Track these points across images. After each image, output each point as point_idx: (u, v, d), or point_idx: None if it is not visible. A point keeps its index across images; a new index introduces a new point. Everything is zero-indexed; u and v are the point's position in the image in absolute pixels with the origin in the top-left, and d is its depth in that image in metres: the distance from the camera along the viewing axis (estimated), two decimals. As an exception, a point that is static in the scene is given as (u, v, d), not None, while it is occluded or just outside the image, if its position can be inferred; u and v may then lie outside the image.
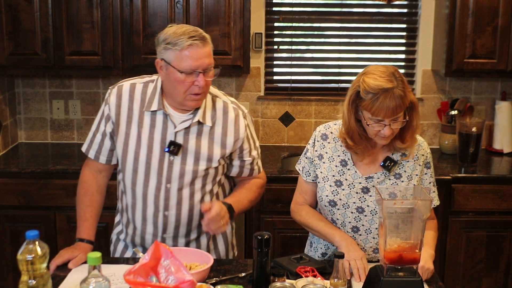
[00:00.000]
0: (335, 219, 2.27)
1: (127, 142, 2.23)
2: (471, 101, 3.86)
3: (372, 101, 2.04)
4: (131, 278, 1.72)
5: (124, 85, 2.26)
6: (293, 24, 3.91)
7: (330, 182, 2.25)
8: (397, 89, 2.04)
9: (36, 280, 1.70)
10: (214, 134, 2.24)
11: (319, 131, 2.31)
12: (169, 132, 2.20)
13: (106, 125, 2.28)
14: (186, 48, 2.07)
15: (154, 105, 2.20)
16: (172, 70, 2.11)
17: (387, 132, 2.09)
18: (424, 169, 2.26)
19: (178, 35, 2.09)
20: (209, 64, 2.13)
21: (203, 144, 2.22)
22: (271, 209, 3.37)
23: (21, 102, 3.90)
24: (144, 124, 2.22)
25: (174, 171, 2.21)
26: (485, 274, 3.43)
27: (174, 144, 2.19)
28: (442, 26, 3.62)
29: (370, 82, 2.05)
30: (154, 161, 2.21)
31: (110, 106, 2.25)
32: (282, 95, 3.92)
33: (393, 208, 1.88)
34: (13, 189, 3.32)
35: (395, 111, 2.05)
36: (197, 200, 2.27)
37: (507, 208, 3.35)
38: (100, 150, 2.32)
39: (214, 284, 2.00)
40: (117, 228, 2.44)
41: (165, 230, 2.27)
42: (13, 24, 3.41)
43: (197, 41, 2.09)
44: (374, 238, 2.24)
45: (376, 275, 1.94)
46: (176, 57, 2.09)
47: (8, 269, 3.38)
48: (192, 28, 2.13)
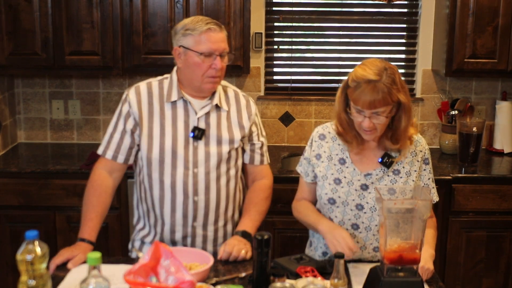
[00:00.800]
0: (334, 217, 2.27)
1: (151, 135, 2.31)
2: (471, 101, 3.86)
3: (355, 89, 2.08)
4: (131, 278, 1.72)
5: (141, 85, 2.38)
6: (293, 24, 3.91)
7: (329, 180, 2.25)
8: (381, 83, 2.05)
9: (35, 280, 1.70)
10: (231, 117, 2.39)
11: (317, 131, 2.34)
12: (191, 119, 2.32)
13: (126, 123, 2.34)
14: (205, 32, 2.24)
15: (173, 95, 2.32)
16: (191, 54, 2.25)
17: (366, 124, 2.10)
18: (423, 165, 2.26)
19: (196, 22, 2.26)
20: (225, 49, 2.29)
21: (223, 127, 2.35)
22: (271, 209, 3.33)
23: (21, 102, 3.89)
24: (166, 115, 2.32)
25: (200, 155, 2.31)
26: (485, 274, 3.43)
27: (198, 129, 2.30)
28: (442, 26, 3.62)
29: (359, 71, 2.09)
30: (180, 148, 2.30)
31: (131, 103, 2.34)
32: (282, 95, 3.92)
33: (394, 208, 1.88)
34: (13, 189, 3.32)
35: (373, 104, 2.05)
36: (223, 184, 2.35)
37: (507, 208, 3.35)
38: (119, 150, 2.36)
39: (214, 284, 2.00)
40: (141, 233, 2.44)
41: (195, 218, 2.33)
42: (13, 24, 3.41)
43: (214, 26, 2.26)
44: (374, 235, 2.25)
45: (376, 275, 1.94)
46: (195, 41, 2.24)
47: (8, 269, 3.38)
48: (206, 17, 2.31)
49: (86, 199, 2.36)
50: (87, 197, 2.36)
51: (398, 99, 2.10)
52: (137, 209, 2.47)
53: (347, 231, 2.19)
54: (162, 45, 3.46)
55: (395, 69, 2.12)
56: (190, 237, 2.35)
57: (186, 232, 2.34)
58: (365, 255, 2.27)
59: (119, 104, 2.38)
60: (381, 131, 2.14)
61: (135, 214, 2.49)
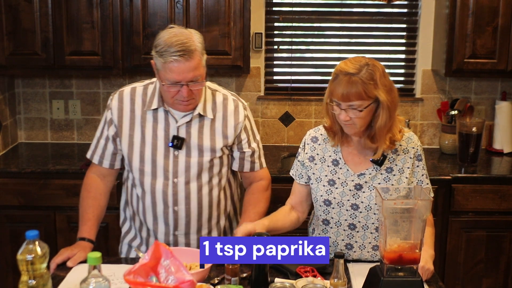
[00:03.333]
0: (331, 218, 2.27)
1: (132, 143, 2.28)
2: (471, 101, 3.86)
3: (333, 80, 2.12)
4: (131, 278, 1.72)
5: (125, 90, 2.33)
6: (293, 24, 3.91)
7: (324, 182, 2.26)
8: (357, 77, 2.05)
9: (36, 280, 1.70)
10: (216, 126, 2.30)
11: (309, 134, 2.35)
12: (171, 128, 2.26)
13: (108, 130, 2.32)
14: (170, 62, 2.11)
15: (154, 103, 2.26)
16: (159, 77, 2.19)
17: (342, 117, 2.11)
18: (416, 161, 2.26)
19: (167, 45, 2.11)
20: (194, 77, 2.15)
21: (205, 136, 2.28)
22: (271, 209, 3.35)
23: (21, 102, 3.89)
24: (147, 123, 2.27)
25: (180, 165, 2.26)
26: (485, 274, 3.43)
27: (178, 138, 2.25)
28: (442, 26, 3.62)
29: (341, 64, 2.13)
30: (160, 157, 2.26)
31: (112, 111, 2.30)
32: (282, 95, 3.92)
33: (393, 208, 1.88)
34: (13, 189, 3.32)
35: (346, 96, 2.06)
36: (205, 193, 2.31)
37: (507, 208, 3.35)
38: (104, 155, 2.36)
39: (214, 284, 2.00)
40: (128, 237, 2.45)
41: (176, 227, 2.31)
42: (13, 24, 3.41)
43: (181, 58, 2.10)
44: (372, 233, 2.25)
45: (376, 275, 1.94)
46: (162, 67, 2.14)
47: (8, 269, 3.38)
48: (183, 39, 2.13)
49: (82, 202, 2.36)
50: (82, 199, 2.37)
51: (376, 96, 2.09)
52: (124, 211, 2.46)
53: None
54: (162, 45, 3.46)
55: (379, 67, 2.11)
56: (173, 245, 2.33)
57: (168, 240, 2.33)
58: (364, 254, 2.27)
59: (102, 118, 2.37)
60: (360, 126, 2.13)
61: (121, 215, 2.48)
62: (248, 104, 3.86)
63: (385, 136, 2.15)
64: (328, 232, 2.30)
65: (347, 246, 2.27)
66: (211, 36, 3.44)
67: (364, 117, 2.11)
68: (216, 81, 3.83)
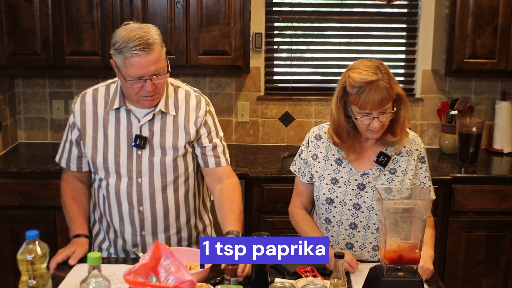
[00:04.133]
0: (332, 217, 2.27)
1: (96, 145, 2.27)
2: (471, 101, 3.86)
3: (358, 94, 2.08)
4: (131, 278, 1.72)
5: (87, 92, 2.32)
6: (293, 24, 3.91)
7: (326, 180, 2.26)
8: (382, 81, 2.07)
9: (36, 280, 1.70)
10: (178, 122, 2.26)
11: (313, 131, 2.34)
12: (134, 127, 2.24)
13: (72, 133, 2.32)
14: (130, 58, 2.08)
15: (116, 103, 2.24)
16: (121, 75, 2.15)
17: (376, 125, 2.11)
18: (419, 163, 2.27)
19: (125, 41, 2.08)
20: (156, 70, 2.11)
21: (168, 134, 2.25)
22: (271, 209, 3.37)
23: (21, 102, 3.90)
24: (109, 124, 2.26)
25: (144, 164, 2.24)
26: (485, 274, 3.43)
27: (140, 138, 2.23)
28: (442, 26, 3.62)
29: (355, 76, 2.09)
30: (123, 158, 2.25)
31: (75, 114, 2.30)
32: (282, 95, 3.92)
33: (393, 208, 1.88)
34: (13, 189, 3.32)
35: (381, 103, 2.07)
36: (171, 193, 2.28)
37: (507, 208, 3.35)
38: (70, 159, 2.36)
39: (214, 284, 2.00)
40: (98, 239, 2.43)
41: (143, 227, 2.29)
42: (13, 24, 3.41)
43: (141, 51, 2.07)
44: (372, 234, 2.25)
45: (376, 275, 1.94)
46: (122, 64, 2.11)
47: (8, 269, 3.38)
48: (141, 33, 2.09)
49: (64, 204, 2.38)
50: (64, 202, 2.39)
51: (397, 93, 2.13)
52: (93, 214, 2.44)
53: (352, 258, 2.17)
54: (162, 45, 3.46)
55: (384, 64, 2.15)
56: (141, 245, 2.31)
57: (136, 240, 2.31)
58: (364, 254, 2.28)
59: (68, 122, 2.35)
60: (385, 127, 2.17)
61: (91, 217, 2.46)
62: (248, 104, 3.88)
63: (405, 127, 2.21)
64: (329, 231, 2.30)
65: (347, 246, 2.27)
66: (211, 36, 3.44)
67: (390, 118, 2.14)
68: (217, 81, 3.84)
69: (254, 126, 3.93)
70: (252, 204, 3.34)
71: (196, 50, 3.47)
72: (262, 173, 3.32)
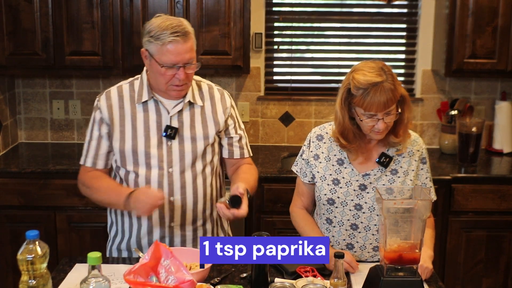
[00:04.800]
0: (333, 217, 2.27)
1: (124, 138, 2.28)
2: (471, 101, 3.86)
3: (363, 96, 2.08)
4: (131, 278, 1.72)
5: (111, 89, 2.35)
6: (293, 24, 3.91)
7: (328, 181, 2.26)
8: (386, 83, 2.08)
9: (36, 280, 1.71)
10: (206, 113, 2.33)
11: (314, 132, 2.34)
12: (163, 118, 2.28)
13: (100, 129, 2.31)
14: (168, 43, 2.14)
15: (144, 96, 2.28)
16: (154, 62, 2.19)
17: (381, 126, 2.12)
18: (420, 164, 2.28)
19: (162, 29, 2.15)
20: (190, 59, 2.19)
21: (197, 124, 2.30)
22: (271, 209, 3.37)
23: (21, 102, 3.90)
24: (138, 117, 2.28)
25: (174, 154, 2.27)
26: (485, 274, 3.43)
27: (171, 128, 2.27)
28: (442, 26, 3.62)
29: (360, 78, 2.09)
30: (153, 148, 2.27)
31: (102, 110, 2.30)
32: (282, 95, 3.92)
33: (393, 208, 1.89)
34: (13, 189, 3.32)
35: (387, 105, 2.08)
36: (200, 183, 2.32)
37: (507, 208, 3.35)
38: (97, 156, 2.34)
39: (214, 284, 2.00)
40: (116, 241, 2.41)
41: (172, 218, 2.30)
42: (13, 24, 3.41)
43: (179, 38, 2.15)
44: (373, 235, 2.25)
45: (376, 275, 1.94)
46: (158, 51, 2.16)
47: (8, 269, 3.38)
48: (176, 22, 2.18)
49: (98, 187, 2.29)
50: (93, 186, 2.30)
51: (401, 94, 2.15)
52: (110, 214, 2.43)
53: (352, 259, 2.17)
54: (162, 45, 3.46)
55: (387, 65, 2.16)
56: (168, 237, 2.32)
57: (164, 233, 2.31)
58: (364, 254, 2.28)
59: (92, 112, 2.35)
60: (389, 128, 2.17)
61: (109, 219, 2.46)
62: (248, 104, 3.88)
63: (408, 128, 2.22)
64: (330, 231, 2.30)
65: (348, 246, 2.27)
66: (211, 36, 3.44)
67: (394, 119, 2.15)
68: (216, 81, 3.84)
69: (254, 126, 3.93)
70: (252, 204, 3.34)
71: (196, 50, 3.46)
72: (262, 173, 3.32)
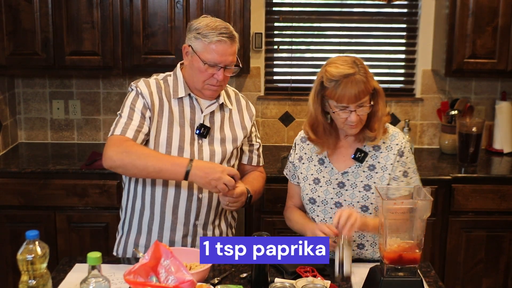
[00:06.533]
0: (316, 216, 2.31)
1: (159, 130, 2.29)
2: (471, 101, 3.86)
3: (335, 87, 2.11)
4: (131, 278, 1.72)
5: (149, 79, 2.36)
6: (293, 24, 3.91)
7: (309, 180, 2.30)
8: (358, 75, 2.11)
9: (36, 280, 1.71)
10: (233, 117, 2.41)
11: (299, 134, 2.40)
12: (197, 116, 2.32)
13: (143, 112, 2.26)
14: (214, 43, 2.20)
15: (180, 91, 2.32)
16: (197, 59, 2.23)
17: (353, 119, 2.13)
18: (398, 157, 2.25)
19: (210, 28, 2.21)
20: (232, 62, 2.26)
21: (226, 127, 2.37)
22: (271, 209, 3.37)
23: (21, 102, 3.90)
24: (174, 111, 2.31)
25: (205, 152, 2.31)
26: (485, 274, 3.43)
27: (204, 127, 2.31)
28: (442, 26, 3.62)
29: (332, 70, 2.13)
30: (186, 144, 2.30)
31: (144, 95, 2.28)
32: (282, 95, 3.92)
33: (393, 208, 1.89)
34: (13, 189, 3.32)
35: (358, 96, 2.10)
36: None
37: (507, 208, 3.35)
38: (139, 132, 2.24)
39: (214, 284, 2.00)
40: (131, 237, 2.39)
41: (198, 216, 2.32)
42: (13, 24, 3.41)
43: (226, 39, 2.21)
44: (356, 232, 2.24)
45: (376, 275, 1.94)
46: (203, 48, 2.21)
47: (8, 269, 3.38)
48: (224, 25, 2.25)
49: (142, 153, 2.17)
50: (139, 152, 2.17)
51: (374, 87, 2.16)
52: (125, 211, 2.41)
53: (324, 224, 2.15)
54: (162, 45, 3.46)
55: (360, 59, 2.18)
56: (191, 236, 2.34)
57: (187, 230, 2.33)
58: None
59: (128, 98, 2.30)
60: (363, 122, 2.18)
61: (122, 215, 2.44)
62: (248, 104, 3.88)
63: (383, 122, 2.22)
64: None
65: None
66: (211, 36, 3.44)
67: (367, 112, 2.16)
68: (216, 81, 3.84)
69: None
70: (252, 204, 3.34)
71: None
72: (262, 173, 3.32)
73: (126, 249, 2.42)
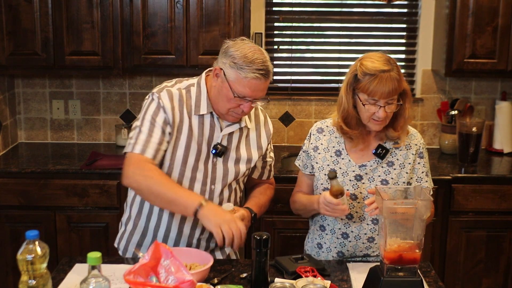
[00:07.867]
0: None
1: (176, 147, 2.24)
2: (471, 101, 3.86)
3: (369, 81, 2.13)
4: (131, 278, 1.72)
5: (172, 90, 2.25)
6: (293, 24, 3.91)
7: (325, 171, 2.30)
8: (393, 72, 2.14)
9: (36, 280, 1.70)
10: (250, 135, 2.35)
11: (315, 125, 2.41)
12: (216, 135, 2.27)
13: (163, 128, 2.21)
14: (251, 78, 2.11)
15: (202, 108, 2.24)
16: (227, 87, 2.14)
17: (381, 114, 2.15)
18: (417, 158, 2.30)
19: (249, 61, 2.11)
20: (261, 96, 2.19)
21: (241, 147, 2.32)
22: (271, 209, 3.34)
23: (21, 102, 3.90)
24: (193, 128, 2.24)
25: (218, 171, 2.28)
26: (485, 274, 3.43)
27: (221, 146, 2.26)
28: (442, 26, 3.62)
29: (368, 64, 2.15)
30: (201, 163, 2.26)
31: (166, 110, 2.21)
32: (282, 95, 3.92)
33: (393, 208, 1.89)
34: (13, 189, 3.32)
35: (391, 93, 2.13)
36: (232, 200, 2.35)
37: (507, 208, 3.35)
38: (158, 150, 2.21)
39: (214, 284, 2.00)
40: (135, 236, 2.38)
41: (203, 231, 2.30)
42: (13, 24, 3.41)
43: (262, 76, 2.12)
44: (368, 225, 2.27)
45: (376, 275, 1.94)
46: (237, 80, 2.12)
47: (8, 269, 3.38)
48: (262, 57, 2.13)
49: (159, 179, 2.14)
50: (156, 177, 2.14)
51: (404, 88, 2.20)
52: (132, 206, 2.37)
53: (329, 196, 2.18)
54: (162, 45, 3.46)
55: (394, 59, 2.21)
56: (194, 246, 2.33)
57: (191, 243, 2.32)
58: (359, 245, 2.29)
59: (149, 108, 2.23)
60: (387, 120, 2.21)
61: (126, 212, 2.40)
62: (248, 104, 3.88)
63: (408, 123, 2.26)
64: (326, 220, 2.33)
65: (343, 235, 2.30)
66: (211, 36, 3.44)
67: (394, 110, 2.19)
68: (216, 81, 3.83)
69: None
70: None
71: (196, 50, 3.47)
72: (262, 173, 3.32)
73: (127, 247, 2.42)
